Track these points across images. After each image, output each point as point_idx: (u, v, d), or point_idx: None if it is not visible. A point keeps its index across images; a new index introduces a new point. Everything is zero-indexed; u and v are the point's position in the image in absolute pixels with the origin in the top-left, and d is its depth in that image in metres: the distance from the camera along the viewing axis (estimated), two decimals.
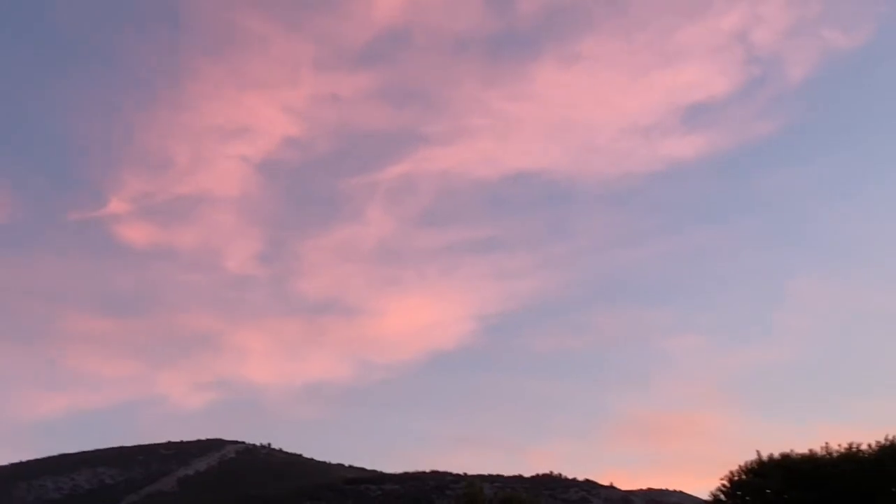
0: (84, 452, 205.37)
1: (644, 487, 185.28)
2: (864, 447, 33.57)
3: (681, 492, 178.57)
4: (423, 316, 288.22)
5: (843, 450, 33.69)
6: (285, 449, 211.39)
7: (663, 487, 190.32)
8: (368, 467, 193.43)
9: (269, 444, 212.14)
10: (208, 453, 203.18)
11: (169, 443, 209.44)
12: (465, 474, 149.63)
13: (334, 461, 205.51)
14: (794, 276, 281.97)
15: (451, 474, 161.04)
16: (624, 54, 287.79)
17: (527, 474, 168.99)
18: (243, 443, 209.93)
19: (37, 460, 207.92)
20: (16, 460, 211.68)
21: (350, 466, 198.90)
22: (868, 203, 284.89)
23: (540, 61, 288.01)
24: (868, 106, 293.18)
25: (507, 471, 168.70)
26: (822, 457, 33.62)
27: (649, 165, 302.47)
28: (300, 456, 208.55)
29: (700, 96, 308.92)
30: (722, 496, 34.20)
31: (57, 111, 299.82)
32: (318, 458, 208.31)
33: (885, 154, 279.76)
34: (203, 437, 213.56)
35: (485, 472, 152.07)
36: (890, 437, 33.38)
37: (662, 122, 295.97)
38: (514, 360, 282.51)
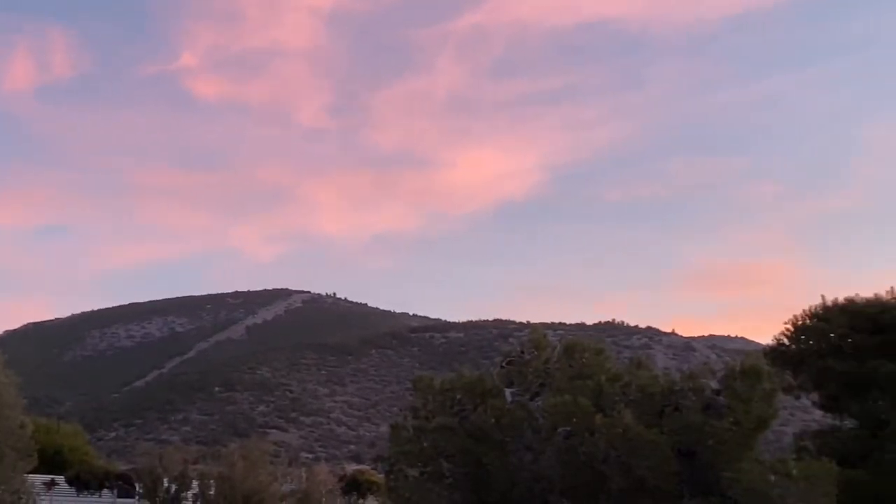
0: (154, 301, 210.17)
1: (706, 334, 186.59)
2: None
3: (742, 338, 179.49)
4: (494, 167, 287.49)
5: None
6: (350, 298, 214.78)
7: (725, 334, 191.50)
8: (433, 316, 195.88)
9: (335, 294, 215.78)
10: (275, 302, 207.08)
11: (237, 292, 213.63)
12: (528, 322, 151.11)
13: (399, 310, 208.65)
14: (869, 124, 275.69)
15: (514, 322, 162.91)
16: None
17: (589, 322, 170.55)
18: (309, 292, 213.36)
19: (108, 309, 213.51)
20: (88, 309, 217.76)
21: (414, 315, 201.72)
22: None
23: None
24: None
25: (571, 319, 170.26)
26: (888, 301, 33.17)
27: (724, 11, 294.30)
28: (365, 305, 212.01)
29: None
30: (785, 340, 33.93)
31: None
32: (384, 307, 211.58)
33: None
34: (270, 287, 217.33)
35: (548, 320, 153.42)
36: None
37: None
38: (584, 209, 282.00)
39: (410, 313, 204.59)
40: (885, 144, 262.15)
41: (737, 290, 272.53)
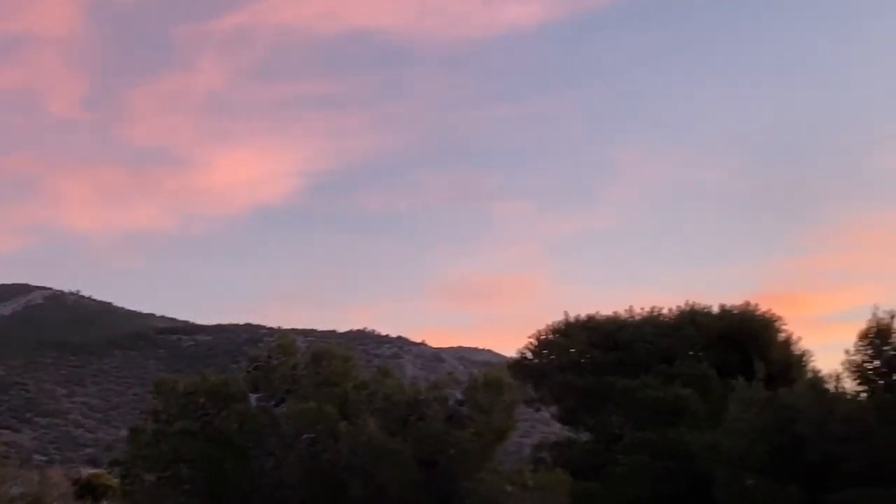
0: None
1: (455, 346, 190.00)
2: (665, 311, 34.86)
3: (489, 350, 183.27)
4: (252, 170, 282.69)
5: (645, 313, 34.89)
6: (96, 297, 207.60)
7: (474, 346, 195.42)
8: (181, 318, 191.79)
9: (79, 291, 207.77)
10: (13, 298, 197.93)
11: None
12: (279, 328, 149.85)
13: (146, 311, 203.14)
14: (621, 148, 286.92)
15: (264, 327, 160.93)
16: None
17: (341, 330, 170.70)
18: (51, 289, 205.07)
19: None
20: None
21: (162, 316, 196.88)
22: (699, 75, 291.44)
23: None
24: None
25: (323, 326, 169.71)
26: (626, 319, 34.77)
27: (488, 30, 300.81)
28: (110, 304, 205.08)
29: None
30: (528, 354, 35.06)
31: None
32: (130, 307, 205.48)
33: (715, 26, 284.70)
34: (8, 282, 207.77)
35: (300, 326, 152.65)
36: (690, 303, 34.73)
37: None
38: (341, 217, 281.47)
39: (157, 314, 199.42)
40: (634, 168, 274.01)
41: (487, 303, 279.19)
